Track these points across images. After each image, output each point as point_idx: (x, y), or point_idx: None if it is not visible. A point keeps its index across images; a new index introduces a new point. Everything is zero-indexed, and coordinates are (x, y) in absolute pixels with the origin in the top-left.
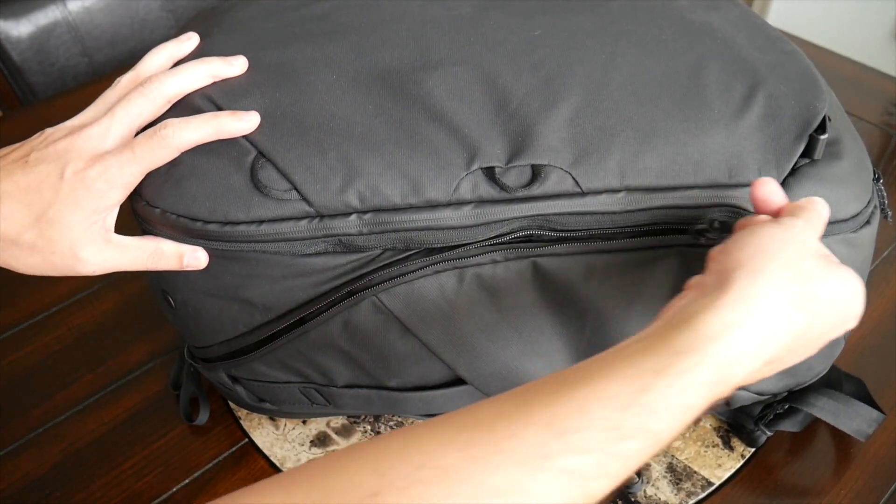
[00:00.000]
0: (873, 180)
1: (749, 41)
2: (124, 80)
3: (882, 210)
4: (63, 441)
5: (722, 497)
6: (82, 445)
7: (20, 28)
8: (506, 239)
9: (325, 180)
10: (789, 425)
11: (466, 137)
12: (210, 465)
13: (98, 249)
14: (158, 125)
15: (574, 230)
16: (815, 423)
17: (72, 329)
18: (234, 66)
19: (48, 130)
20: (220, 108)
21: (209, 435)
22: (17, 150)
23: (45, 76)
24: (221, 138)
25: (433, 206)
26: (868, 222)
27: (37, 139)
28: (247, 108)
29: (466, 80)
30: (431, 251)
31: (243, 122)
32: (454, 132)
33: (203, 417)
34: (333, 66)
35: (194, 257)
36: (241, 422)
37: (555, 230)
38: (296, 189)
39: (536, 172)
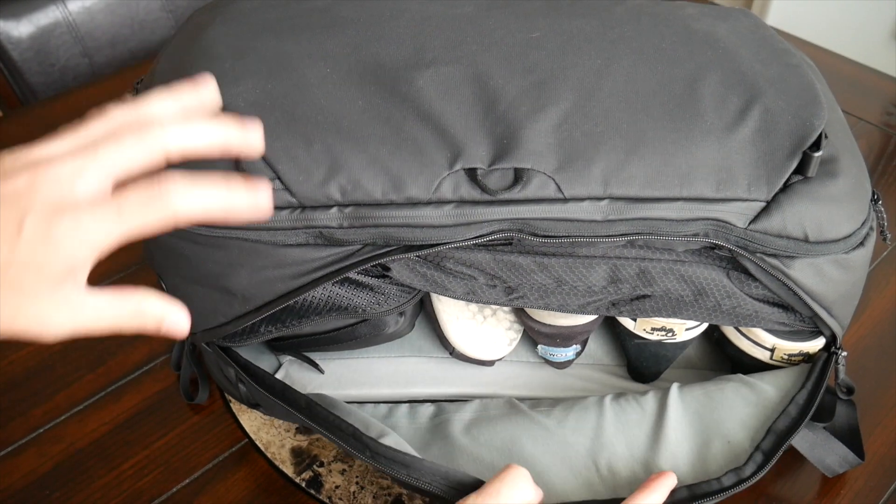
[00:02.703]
0: (871, 201)
1: (753, 53)
2: (118, 114)
3: (881, 232)
4: (63, 441)
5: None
6: (82, 445)
7: (20, 28)
8: (485, 240)
9: (309, 172)
10: None
11: (452, 138)
12: (210, 465)
13: (68, 316)
14: (158, 180)
15: (555, 236)
16: None
17: None
18: (251, 136)
19: (5, 158)
20: None
21: (209, 435)
22: None
23: (45, 76)
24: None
25: (414, 203)
26: (862, 244)
27: None
28: (238, 95)
29: (457, 81)
30: (410, 248)
31: (258, 198)
32: (440, 132)
33: (202, 396)
34: (328, 59)
35: (175, 321)
36: (231, 405)
37: (536, 235)
38: (279, 179)
39: (519, 176)
